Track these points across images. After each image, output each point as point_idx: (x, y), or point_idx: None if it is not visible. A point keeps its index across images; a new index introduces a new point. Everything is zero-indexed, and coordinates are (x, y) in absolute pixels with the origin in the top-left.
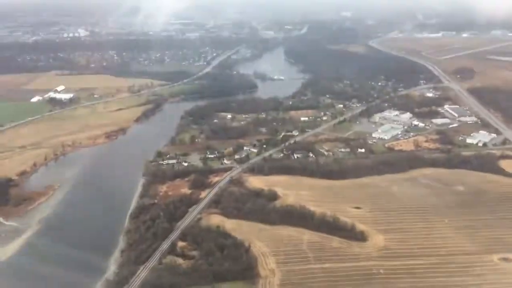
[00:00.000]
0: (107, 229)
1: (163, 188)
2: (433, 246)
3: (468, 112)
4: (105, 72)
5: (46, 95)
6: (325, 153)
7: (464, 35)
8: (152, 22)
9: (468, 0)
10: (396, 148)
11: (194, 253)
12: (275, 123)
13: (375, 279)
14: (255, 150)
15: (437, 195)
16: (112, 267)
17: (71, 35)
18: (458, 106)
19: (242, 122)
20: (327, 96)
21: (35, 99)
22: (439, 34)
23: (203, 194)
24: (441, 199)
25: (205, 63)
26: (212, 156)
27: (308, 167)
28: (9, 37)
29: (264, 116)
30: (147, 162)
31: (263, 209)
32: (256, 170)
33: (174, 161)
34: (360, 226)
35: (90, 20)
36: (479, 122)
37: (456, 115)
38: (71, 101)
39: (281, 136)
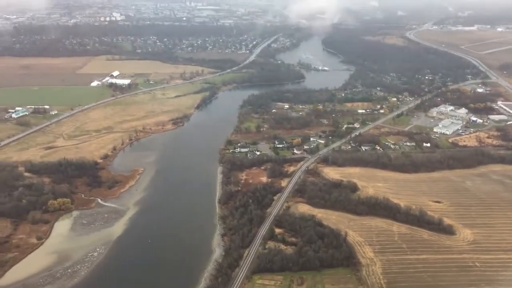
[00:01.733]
0: (201, 214)
1: (243, 176)
2: None
3: None
4: (152, 57)
5: (104, 80)
6: (392, 146)
7: (499, 29)
8: (182, 7)
9: None
10: (461, 144)
11: (293, 239)
12: (334, 115)
13: (472, 271)
14: (322, 141)
15: (511, 192)
16: (217, 250)
17: (108, 18)
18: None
19: (300, 113)
20: (378, 88)
21: (94, 83)
22: (474, 27)
23: (283, 183)
24: None
25: (247, 51)
26: (281, 145)
27: (380, 160)
28: (48, 19)
29: (321, 107)
30: (220, 150)
31: (349, 200)
32: (330, 161)
33: (246, 149)
34: (446, 220)
35: (120, 3)
36: None
37: (511, 111)
38: (129, 86)
39: (344, 128)
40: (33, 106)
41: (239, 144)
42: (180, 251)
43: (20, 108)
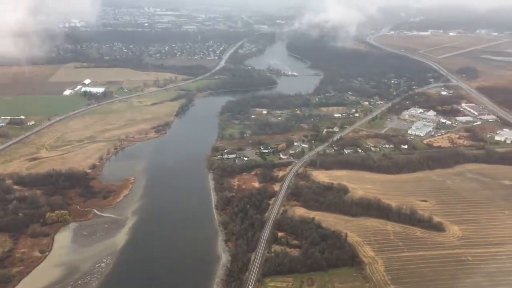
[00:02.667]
0: (200, 220)
1: (235, 182)
2: (504, 235)
3: (485, 110)
4: (121, 65)
5: (77, 88)
6: (372, 148)
7: (451, 33)
8: (141, 13)
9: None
10: (435, 145)
11: (296, 242)
12: (312, 119)
13: (466, 264)
14: (306, 146)
15: (489, 189)
16: (223, 256)
17: (67, 24)
18: (475, 105)
19: (279, 118)
20: (350, 93)
21: (67, 92)
22: (428, 32)
23: (276, 187)
24: (494, 193)
25: (216, 57)
26: (266, 151)
27: (365, 162)
28: None
29: (299, 112)
30: (208, 156)
31: (343, 202)
32: (318, 165)
33: (233, 156)
34: (435, 218)
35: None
36: (499, 120)
37: (476, 113)
38: (104, 95)
39: (324, 132)
40: (9, 117)
41: (226, 151)
42: (187, 258)
43: None
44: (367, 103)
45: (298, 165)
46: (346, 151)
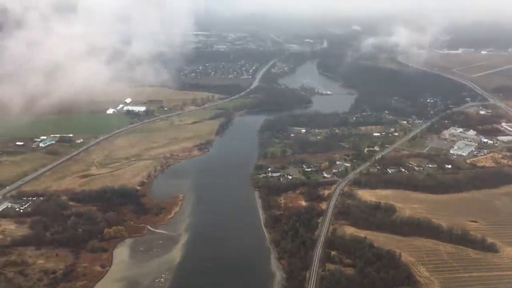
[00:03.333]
0: (251, 238)
1: (281, 200)
2: None
3: None
4: (159, 84)
5: (119, 107)
6: (415, 168)
7: (483, 52)
8: (170, 33)
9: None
10: (479, 165)
11: (349, 261)
12: (352, 138)
13: None
14: (348, 165)
15: None
16: (277, 273)
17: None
18: None
19: (318, 137)
20: (386, 112)
21: (110, 111)
22: (459, 51)
23: (323, 206)
24: None
25: (249, 76)
26: (309, 169)
27: (410, 182)
28: None
29: (337, 131)
30: (251, 174)
31: (392, 221)
32: (362, 184)
33: (277, 174)
34: (488, 239)
35: None
36: None
37: None
38: (146, 113)
39: (365, 151)
40: (58, 135)
41: (269, 169)
42: (242, 275)
43: (45, 137)
44: (405, 122)
45: (343, 184)
46: (389, 170)
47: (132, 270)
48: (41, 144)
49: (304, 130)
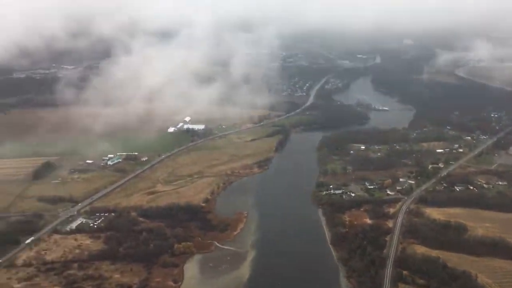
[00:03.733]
0: (318, 255)
1: (346, 218)
2: None
3: None
4: (215, 101)
5: (179, 126)
6: (485, 185)
7: None
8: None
9: None
10: None
11: (422, 281)
12: (414, 155)
13: None
14: (413, 182)
15: None
16: None
17: None
18: None
19: (378, 154)
20: (448, 127)
21: (171, 129)
22: None
23: (389, 224)
24: None
25: (304, 93)
26: (372, 187)
27: (480, 200)
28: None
29: (398, 147)
30: (313, 192)
31: (465, 241)
32: (429, 201)
33: (340, 191)
34: None
35: None
36: None
37: None
38: (205, 131)
39: (429, 167)
40: (124, 153)
41: (331, 186)
42: None
43: (112, 156)
44: (469, 138)
45: (408, 202)
46: (457, 188)
47: (203, 286)
48: (109, 162)
49: (363, 147)
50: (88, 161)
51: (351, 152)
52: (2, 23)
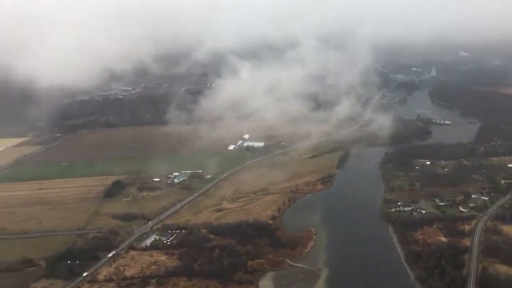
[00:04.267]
0: (394, 275)
1: (418, 235)
2: None
3: None
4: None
5: (239, 143)
6: None
7: None
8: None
9: None
10: None
11: None
12: (484, 170)
13: None
14: (486, 198)
15: None
16: None
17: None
18: None
19: (445, 169)
20: None
21: (231, 147)
22: None
23: (466, 242)
24: None
25: (360, 109)
26: (443, 203)
27: None
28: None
29: (466, 162)
30: (382, 208)
31: None
32: (507, 219)
33: (409, 208)
34: None
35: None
36: None
37: None
38: (265, 149)
39: (503, 183)
40: (189, 171)
41: (400, 203)
42: None
43: (177, 173)
44: None
45: (484, 219)
46: None
47: None
48: (176, 180)
49: (429, 162)
50: (155, 179)
51: (416, 167)
52: (96, 49)
